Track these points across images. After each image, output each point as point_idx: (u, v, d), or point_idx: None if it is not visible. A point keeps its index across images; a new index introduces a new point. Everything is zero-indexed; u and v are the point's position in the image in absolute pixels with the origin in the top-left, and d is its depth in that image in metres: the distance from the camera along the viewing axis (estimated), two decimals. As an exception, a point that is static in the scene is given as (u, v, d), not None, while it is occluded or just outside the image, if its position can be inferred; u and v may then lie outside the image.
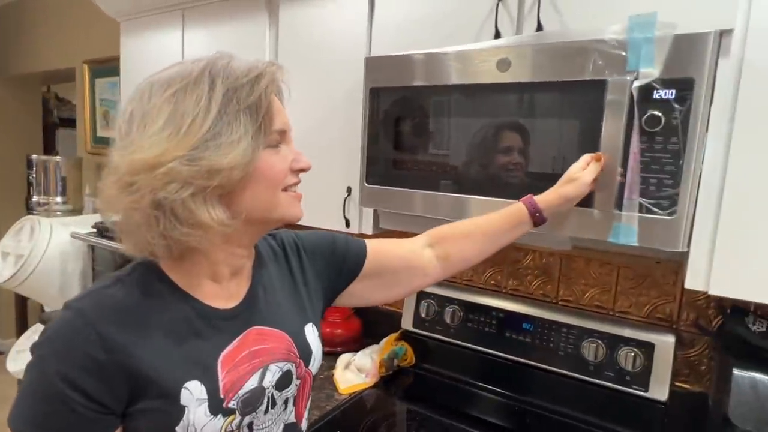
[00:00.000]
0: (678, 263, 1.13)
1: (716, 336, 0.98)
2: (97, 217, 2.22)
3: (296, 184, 0.65)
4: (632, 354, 1.11)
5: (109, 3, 1.86)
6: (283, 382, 0.67)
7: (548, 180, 0.92)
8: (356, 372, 1.36)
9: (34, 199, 2.48)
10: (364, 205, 1.20)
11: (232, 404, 0.60)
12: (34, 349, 0.55)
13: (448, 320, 1.38)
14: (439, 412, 1.23)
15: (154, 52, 1.78)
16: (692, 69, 0.77)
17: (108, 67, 2.47)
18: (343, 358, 1.41)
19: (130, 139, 0.55)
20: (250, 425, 0.63)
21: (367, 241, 0.83)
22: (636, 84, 0.81)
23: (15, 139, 3.45)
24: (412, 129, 1.10)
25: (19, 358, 2.25)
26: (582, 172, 0.84)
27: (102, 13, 1.94)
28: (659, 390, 1.08)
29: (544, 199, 0.85)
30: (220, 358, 0.61)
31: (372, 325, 1.59)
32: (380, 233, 1.54)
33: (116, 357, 0.54)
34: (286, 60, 1.41)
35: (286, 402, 0.68)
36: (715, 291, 0.84)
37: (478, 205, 1.00)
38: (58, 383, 0.52)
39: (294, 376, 0.68)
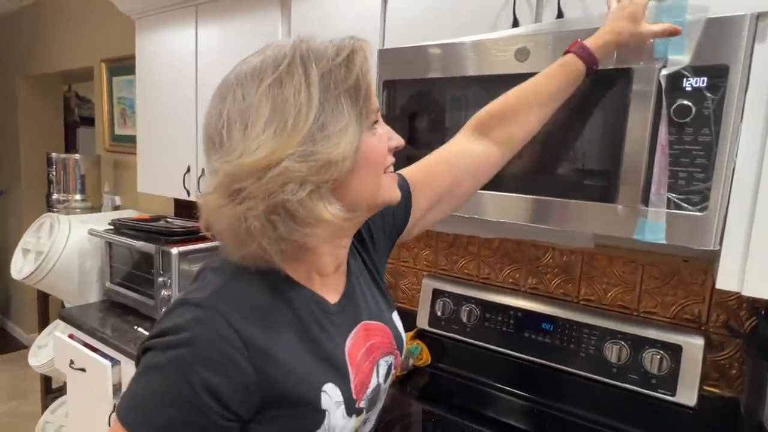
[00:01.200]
0: (707, 261, 1.08)
1: (749, 339, 0.93)
2: (114, 214, 2.24)
3: (392, 163, 0.60)
4: (658, 356, 1.06)
5: (124, 0, 1.87)
6: (388, 374, 0.67)
7: (570, 176, 0.88)
8: (370, 371, 1.34)
9: (54, 196, 2.52)
10: (378, 202, 1.17)
11: (362, 404, 0.60)
12: (160, 347, 0.49)
13: (464, 319, 1.35)
14: (456, 412, 1.20)
15: (169, 49, 1.78)
16: (726, 55, 0.72)
17: (125, 66, 2.49)
18: (358, 357, 1.39)
19: (231, 144, 0.51)
20: (365, 421, 0.64)
21: (408, 175, 0.73)
22: (664, 72, 0.76)
23: (37, 137, 3.52)
24: (427, 122, 1.07)
25: (40, 353, 2.29)
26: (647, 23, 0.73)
27: (118, 12, 1.95)
28: (687, 394, 1.03)
29: (597, 43, 0.74)
30: (347, 356, 0.59)
31: (387, 323, 1.57)
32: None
33: (259, 363, 0.50)
34: (298, 54, 1.38)
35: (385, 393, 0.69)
36: (748, 292, 0.79)
37: (497, 201, 0.97)
38: (202, 394, 0.47)
39: (393, 367, 0.69)
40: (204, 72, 1.65)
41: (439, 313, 1.39)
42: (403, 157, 1.09)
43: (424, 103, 1.06)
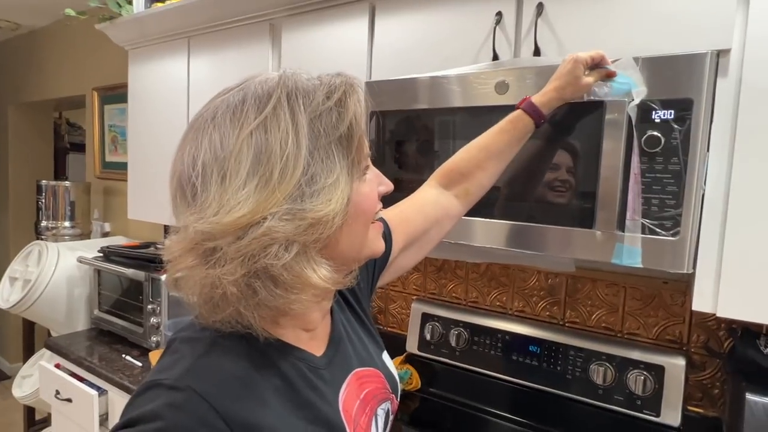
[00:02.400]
0: (686, 284, 1.11)
1: (727, 359, 0.96)
2: (104, 241, 2.24)
3: (380, 210, 0.56)
4: (642, 377, 1.08)
5: (117, 32, 1.92)
6: (387, 422, 0.63)
7: (550, 203, 0.91)
8: (360, 397, 1.34)
9: (43, 223, 2.51)
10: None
11: None
12: None
13: (453, 343, 1.36)
14: (445, 438, 1.21)
15: (161, 79, 1.82)
16: (690, 89, 0.77)
17: (117, 94, 2.53)
18: (348, 383, 1.39)
19: (206, 198, 0.44)
20: None
21: (386, 217, 0.73)
22: (633, 105, 0.80)
23: (26, 164, 3.52)
24: (412, 152, 1.11)
25: (25, 384, 2.24)
26: (584, 74, 0.79)
27: (111, 42, 1.99)
28: (671, 415, 1.05)
29: (542, 100, 0.80)
30: (342, 413, 0.54)
31: (377, 348, 1.57)
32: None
33: None
34: (288, 85, 1.43)
35: None
36: (722, 313, 0.82)
37: (482, 227, 1.00)
38: None
39: (390, 412, 0.65)
40: (196, 101, 1.69)
41: (428, 337, 1.41)
42: (391, 179, 1.12)
43: (411, 129, 1.10)
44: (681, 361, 1.06)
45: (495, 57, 1.02)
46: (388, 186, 0.57)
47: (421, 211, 0.78)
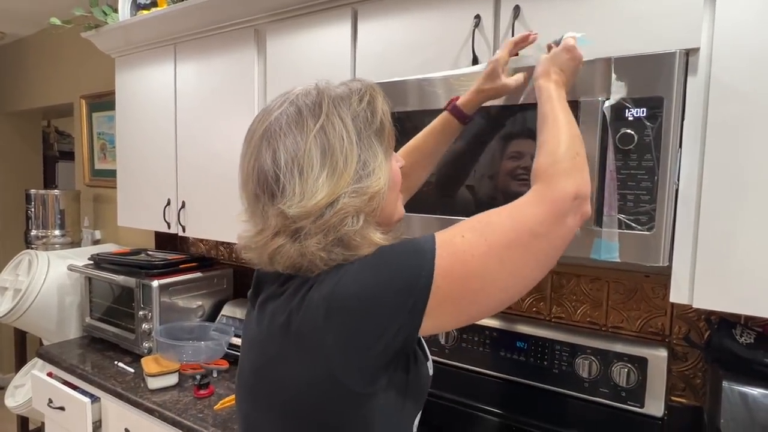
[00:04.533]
0: (666, 277, 1.13)
1: (705, 349, 0.98)
2: (94, 249, 2.24)
3: None
4: (626, 369, 1.10)
5: (103, 40, 1.92)
6: None
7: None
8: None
9: (33, 233, 2.50)
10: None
11: None
12: None
13: (442, 341, 1.38)
14: (436, 435, 1.22)
15: (148, 85, 1.82)
16: (661, 88, 0.79)
17: (104, 102, 2.52)
18: (339, 383, 1.41)
19: (292, 189, 0.57)
20: None
21: None
22: (607, 104, 0.83)
23: (16, 173, 3.50)
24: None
25: (18, 393, 2.24)
26: (506, 76, 0.85)
27: (97, 50, 2.00)
28: (655, 405, 1.07)
29: (465, 101, 0.88)
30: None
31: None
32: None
33: None
34: (274, 89, 1.44)
35: None
36: (698, 304, 0.84)
37: (463, 226, 1.01)
38: None
39: None
40: (183, 107, 1.70)
41: (418, 336, 1.42)
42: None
43: (400, 131, 1.12)
44: (663, 353, 1.09)
45: (474, 59, 1.05)
46: (400, 161, 0.70)
47: None
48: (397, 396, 0.60)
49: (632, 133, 0.82)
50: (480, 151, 0.99)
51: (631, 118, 0.82)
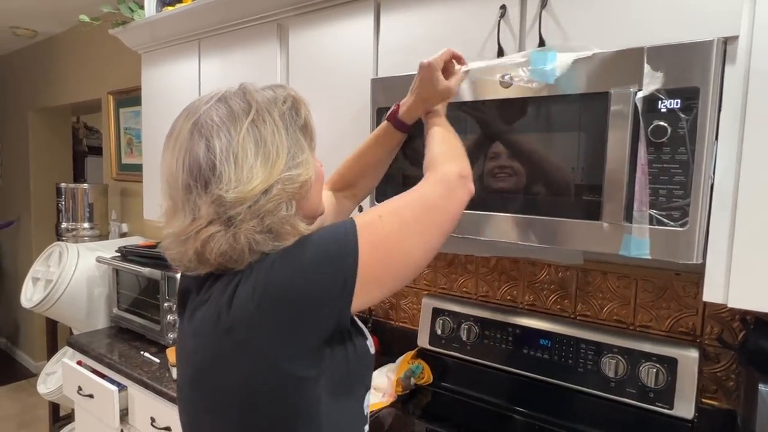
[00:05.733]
0: (699, 275, 1.10)
1: (740, 350, 0.94)
2: (121, 242, 2.29)
3: None
4: (654, 370, 1.07)
5: (130, 36, 1.95)
6: None
7: (557, 195, 0.91)
8: (373, 391, 1.35)
9: (63, 225, 2.58)
10: (375, 224, 1.21)
11: None
12: None
13: (464, 337, 1.36)
14: (459, 431, 1.21)
15: (173, 81, 1.85)
16: (696, 78, 0.76)
17: (131, 97, 2.58)
18: (360, 378, 1.41)
19: (227, 176, 0.59)
20: None
21: None
22: (640, 95, 0.80)
23: (46, 168, 3.61)
24: (421, 147, 1.11)
25: (49, 381, 2.31)
26: (444, 79, 0.87)
27: (124, 47, 2.04)
28: (685, 407, 1.04)
29: (405, 110, 0.91)
30: None
31: (388, 343, 1.59)
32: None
33: None
34: (296, 83, 1.44)
35: None
36: (734, 303, 0.81)
37: (490, 221, 1.00)
38: None
39: None
40: (207, 102, 1.72)
41: (439, 332, 1.41)
42: (400, 179, 1.13)
43: (419, 124, 1.10)
44: (694, 354, 1.05)
45: (500, 50, 1.02)
46: (319, 162, 0.73)
47: (328, 212, 0.89)
48: (341, 376, 0.63)
49: (665, 125, 0.79)
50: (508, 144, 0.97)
51: (664, 110, 0.79)
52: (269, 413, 0.59)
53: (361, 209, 1.16)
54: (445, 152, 0.77)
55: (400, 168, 1.12)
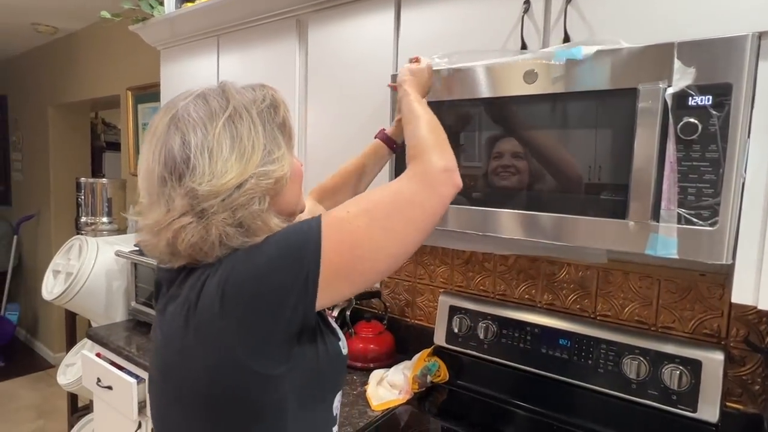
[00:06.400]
0: (724, 276, 1.08)
1: (769, 353, 0.92)
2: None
3: None
4: (678, 372, 1.05)
5: (149, 33, 1.97)
6: None
7: (581, 193, 0.90)
8: (389, 388, 1.35)
9: (82, 219, 2.61)
10: (394, 221, 1.20)
11: None
12: None
13: (481, 336, 1.35)
14: (475, 430, 1.21)
15: (192, 77, 1.86)
16: (729, 73, 0.74)
17: (149, 93, 2.60)
18: (376, 374, 1.41)
19: (202, 170, 0.60)
20: None
21: None
22: (670, 91, 0.78)
23: (66, 163, 3.67)
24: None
25: (68, 372, 2.35)
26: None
27: (143, 43, 2.05)
28: (709, 411, 1.02)
29: (393, 130, 1.02)
30: None
31: (404, 341, 1.58)
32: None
33: None
34: (315, 79, 1.44)
35: None
36: (764, 305, 0.79)
37: (510, 218, 0.99)
38: None
39: None
40: (225, 98, 1.72)
41: (456, 330, 1.41)
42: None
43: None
44: (719, 356, 1.03)
45: (523, 46, 1.01)
46: (299, 161, 0.75)
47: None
48: (310, 377, 0.63)
49: (696, 122, 0.77)
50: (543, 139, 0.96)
51: (694, 106, 0.77)
52: (233, 410, 0.59)
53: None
54: (433, 141, 0.72)
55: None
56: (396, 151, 1.01)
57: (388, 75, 1.18)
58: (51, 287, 2.11)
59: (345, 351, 0.71)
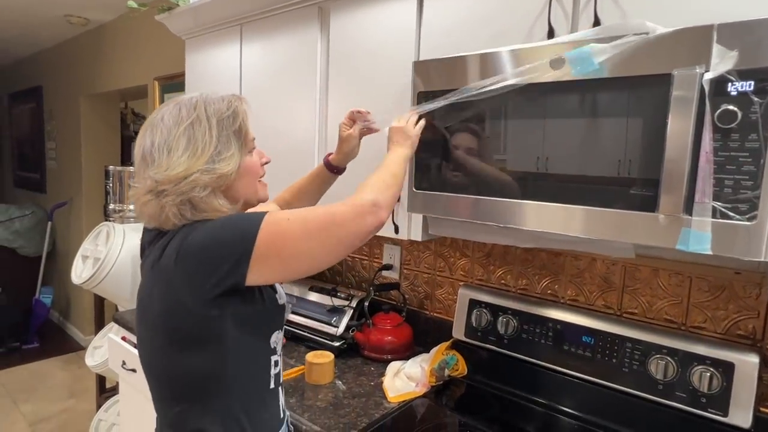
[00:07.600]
0: (761, 275, 1.02)
1: (809, 357, 0.87)
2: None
3: (263, 175, 0.92)
4: (708, 374, 1.01)
5: (175, 22, 1.99)
6: None
7: (609, 185, 0.86)
8: (406, 380, 1.34)
9: (111, 206, 2.68)
10: (412, 211, 1.18)
11: None
12: None
13: (501, 330, 1.33)
14: (492, 425, 1.18)
15: (216, 66, 1.87)
16: (774, 57, 0.69)
17: (176, 83, 2.63)
18: (393, 366, 1.40)
19: (161, 162, 0.79)
20: None
21: None
22: (707, 76, 0.73)
23: (96, 151, 3.77)
24: (463, 131, 1.07)
25: (96, 354, 2.43)
26: (350, 129, 1.13)
27: (169, 33, 2.07)
28: (741, 416, 0.97)
29: (336, 158, 1.16)
30: None
31: (422, 333, 1.56)
32: (429, 240, 1.51)
33: None
34: (337, 67, 1.43)
35: None
36: (806, 306, 0.74)
37: (534, 210, 0.95)
38: None
39: None
40: (248, 86, 1.73)
41: (475, 324, 1.38)
42: (439, 167, 1.10)
43: (458, 113, 1.07)
44: (754, 359, 0.98)
45: (550, 30, 0.97)
46: (267, 158, 0.94)
47: None
48: (248, 316, 0.81)
49: (735, 109, 0.72)
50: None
51: (734, 93, 0.72)
52: (185, 336, 0.79)
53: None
54: (373, 181, 0.88)
55: (437, 161, 1.09)
56: (337, 174, 1.18)
57: (410, 62, 1.15)
58: (80, 272, 2.17)
59: (282, 300, 0.90)
